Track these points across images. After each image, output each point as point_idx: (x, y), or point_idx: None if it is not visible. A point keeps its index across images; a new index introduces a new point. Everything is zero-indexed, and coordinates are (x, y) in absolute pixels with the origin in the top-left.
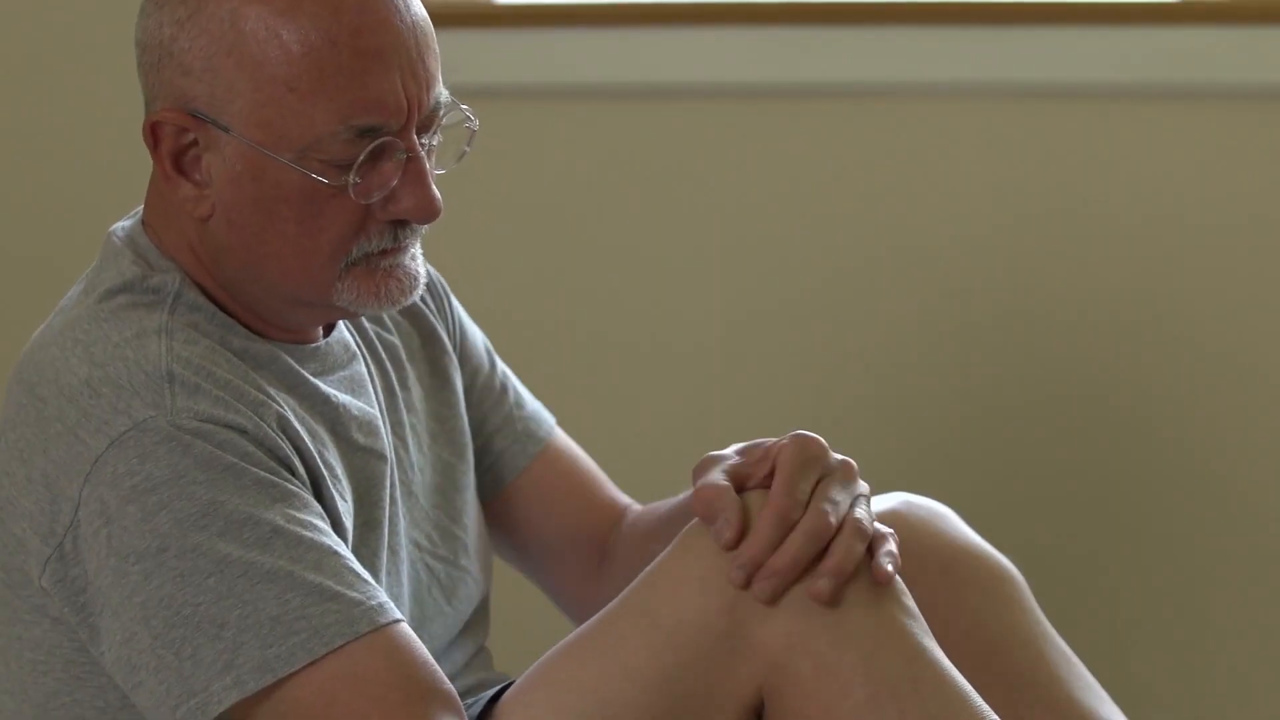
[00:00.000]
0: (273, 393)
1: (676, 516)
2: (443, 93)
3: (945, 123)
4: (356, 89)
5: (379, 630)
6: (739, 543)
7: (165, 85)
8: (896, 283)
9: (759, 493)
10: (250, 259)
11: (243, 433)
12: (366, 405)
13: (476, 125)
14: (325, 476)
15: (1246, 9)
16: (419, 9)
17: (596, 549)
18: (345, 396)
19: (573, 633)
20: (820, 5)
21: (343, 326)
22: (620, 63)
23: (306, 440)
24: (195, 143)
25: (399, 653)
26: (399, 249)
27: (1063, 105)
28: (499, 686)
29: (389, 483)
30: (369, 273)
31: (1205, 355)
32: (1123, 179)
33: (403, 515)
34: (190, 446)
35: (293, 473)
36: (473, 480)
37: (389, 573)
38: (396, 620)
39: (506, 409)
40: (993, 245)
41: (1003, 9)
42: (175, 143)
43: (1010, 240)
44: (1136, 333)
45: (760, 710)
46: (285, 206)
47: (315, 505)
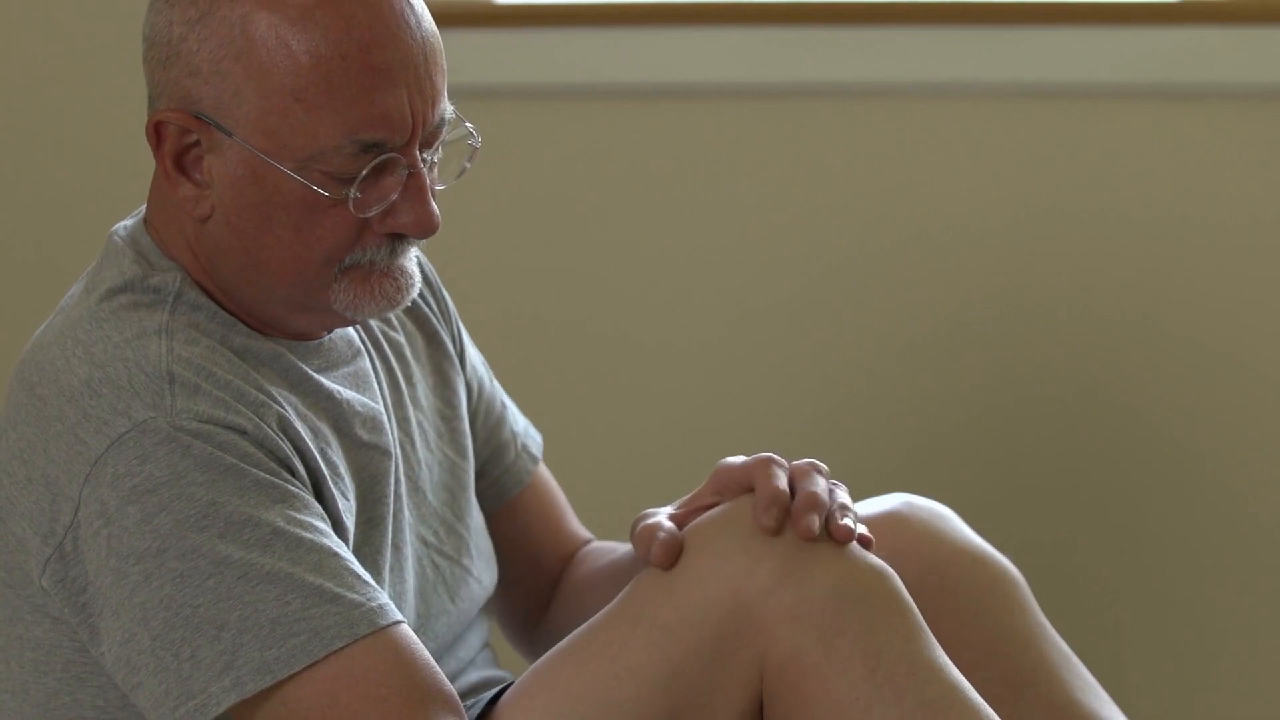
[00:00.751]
0: (274, 391)
1: (622, 566)
2: (447, 108)
3: (945, 123)
4: (363, 104)
5: (379, 632)
6: (669, 561)
7: (171, 84)
8: (896, 282)
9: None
10: (247, 261)
11: (243, 434)
12: (370, 401)
13: (479, 142)
14: (326, 476)
15: (1246, 9)
16: (429, 24)
17: (554, 578)
18: (349, 392)
19: (572, 634)
20: (820, 5)
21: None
22: (620, 63)
23: (308, 440)
24: (198, 143)
25: (399, 654)
26: (394, 258)
27: (1063, 105)
28: (499, 688)
29: (393, 479)
30: (364, 276)
31: (1205, 355)
32: (1123, 179)
33: (408, 511)
34: (190, 447)
35: (293, 473)
36: (472, 482)
37: (392, 569)
38: (397, 622)
39: (509, 424)
40: (993, 245)
41: (1003, 9)
42: (178, 142)
43: (1010, 240)
44: (1136, 333)
45: (762, 707)
46: (284, 213)
47: (316, 506)
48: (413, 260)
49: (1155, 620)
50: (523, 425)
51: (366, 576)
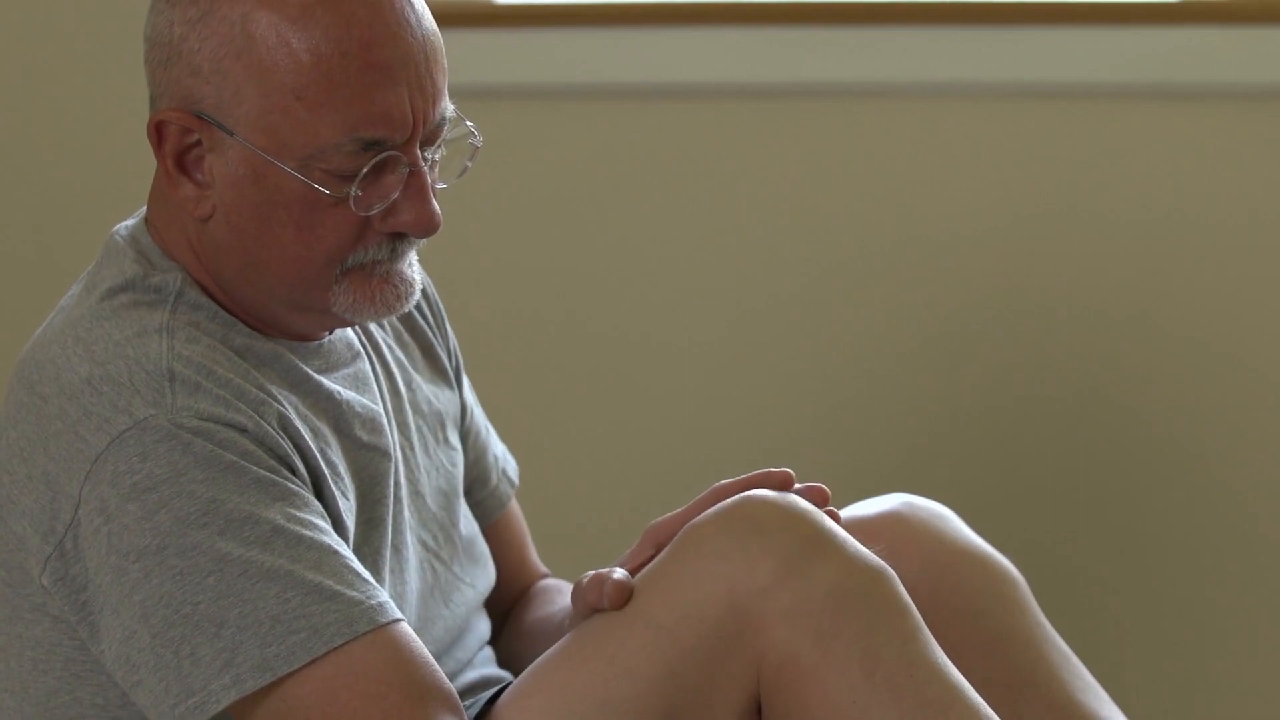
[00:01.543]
0: (275, 391)
1: (560, 623)
2: (448, 107)
3: (945, 123)
4: (364, 102)
5: (379, 629)
6: (621, 601)
7: (172, 84)
8: (896, 282)
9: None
10: (248, 261)
11: (243, 431)
12: (370, 402)
13: (480, 141)
14: (327, 475)
15: (1246, 9)
16: (430, 23)
17: (509, 605)
18: (349, 393)
19: (569, 635)
20: (820, 5)
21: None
22: (620, 63)
23: (308, 439)
24: (199, 143)
25: (399, 652)
26: (395, 258)
27: (1063, 105)
28: (497, 687)
29: (393, 480)
30: (365, 279)
31: (1205, 355)
32: (1123, 179)
33: (409, 514)
34: (190, 445)
35: (293, 471)
36: (462, 491)
37: (392, 571)
38: (396, 619)
39: (491, 452)
40: (993, 245)
41: (1003, 9)
42: (179, 142)
43: (1010, 240)
44: (1136, 332)
45: (760, 706)
46: (285, 213)
47: (316, 504)
48: (414, 266)
49: (1155, 620)
50: (502, 451)
51: (366, 574)
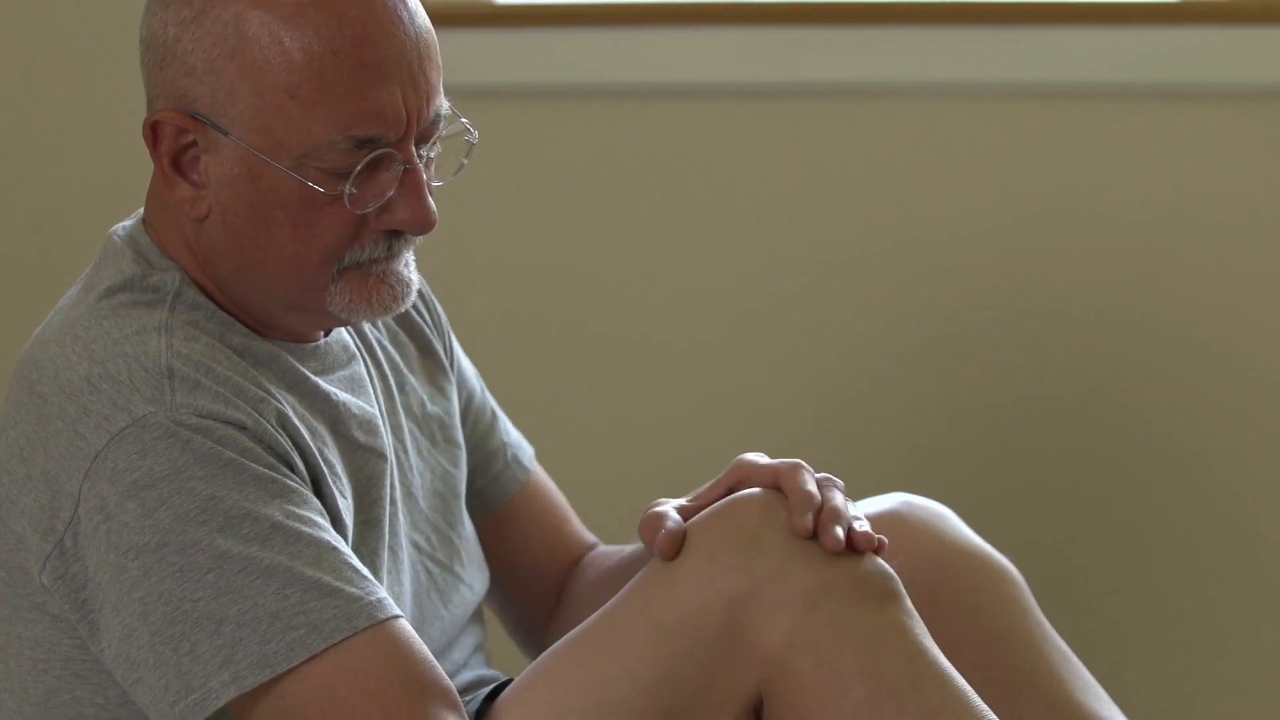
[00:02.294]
0: (273, 390)
1: (626, 566)
2: (443, 104)
3: (945, 123)
4: (357, 100)
5: (378, 625)
6: (671, 552)
7: (167, 84)
8: (896, 282)
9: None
10: (244, 261)
11: (242, 429)
12: (366, 405)
13: (475, 138)
14: (325, 473)
15: (1246, 9)
16: (423, 20)
17: (558, 584)
18: (345, 395)
19: (571, 631)
20: (820, 5)
21: (342, 328)
22: (620, 63)
23: (306, 437)
24: (194, 143)
25: (398, 648)
26: (391, 257)
27: (1063, 105)
28: (496, 684)
29: (389, 482)
30: (362, 279)
31: (1205, 355)
32: (1123, 179)
33: (403, 516)
34: (190, 442)
35: (292, 469)
36: (464, 491)
37: (389, 572)
38: (395, 616)
39: (498, 434)
40: (993, 245)
41: (1003, 9)
42: (174, 143)
43: (1010, 240)
44: (1135, 332)
45: (760, 708)
46: (280, 212)
47: (315, 501)
48: (410, 266)
49: (1155, 620)
50: (515, 437)
51: (365, 571)
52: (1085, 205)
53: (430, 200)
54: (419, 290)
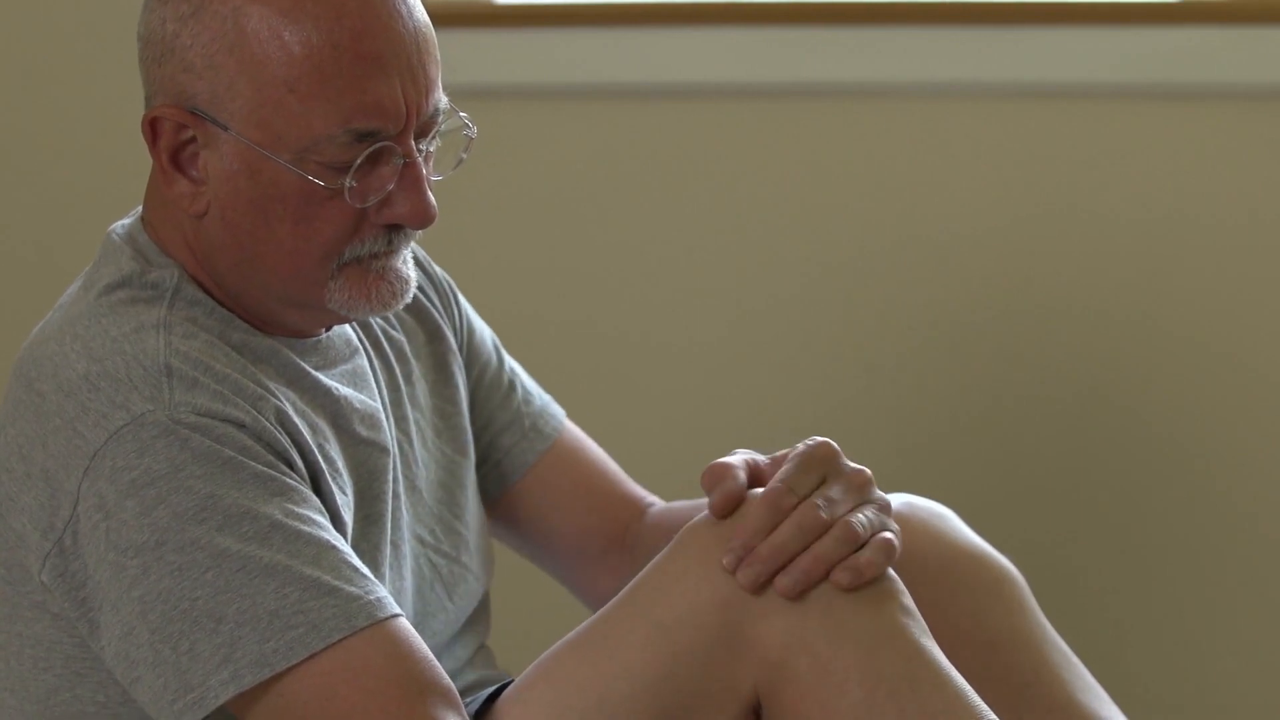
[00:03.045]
0: (272, 386)
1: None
2: (442, 99)
3: (945, 123)
4: (356, 93)
5: (378, 625)
6: (723, 511)
7: (166, 81)
8: (896, 282)
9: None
10: (243, 257)
11: (241, 427)
12: (369, 398)
13: (475, 133)
14: (325, 471)
15: (1246, 9)
16: (421, 14)
17: (615, 544)
18: (347, 389)
19: (572, 631)
20: (820, 5)
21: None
22: (620, 63)
23: (306, 434)
24: (193, 139)
25: (398, 647)
26: (391, 252)
27: (1063, 105)
28: (497, 685)
29: (391, 476)
30: (361, 275)
31: (1205, 355)
32: (1123, 179)
33: (406, 509)
34: (188, 441)
35: (291, 467)
36: (474, 478)
37: (391, 566)
38: (395, 615)
39: (515, 405)
40: (993, 245)
41: (1003, 9)
42: (173, 139)
43: (1010, 240)
44: (1135, 332)
45: (758, 709)
46: (280, 206)
47: (314, 500)
48: (409, 263)
49: (1155, 620)
50: (538, 405)
51: (365, 570)
52: (1085, 205)
53: (430, 194)
54: (426, 271)
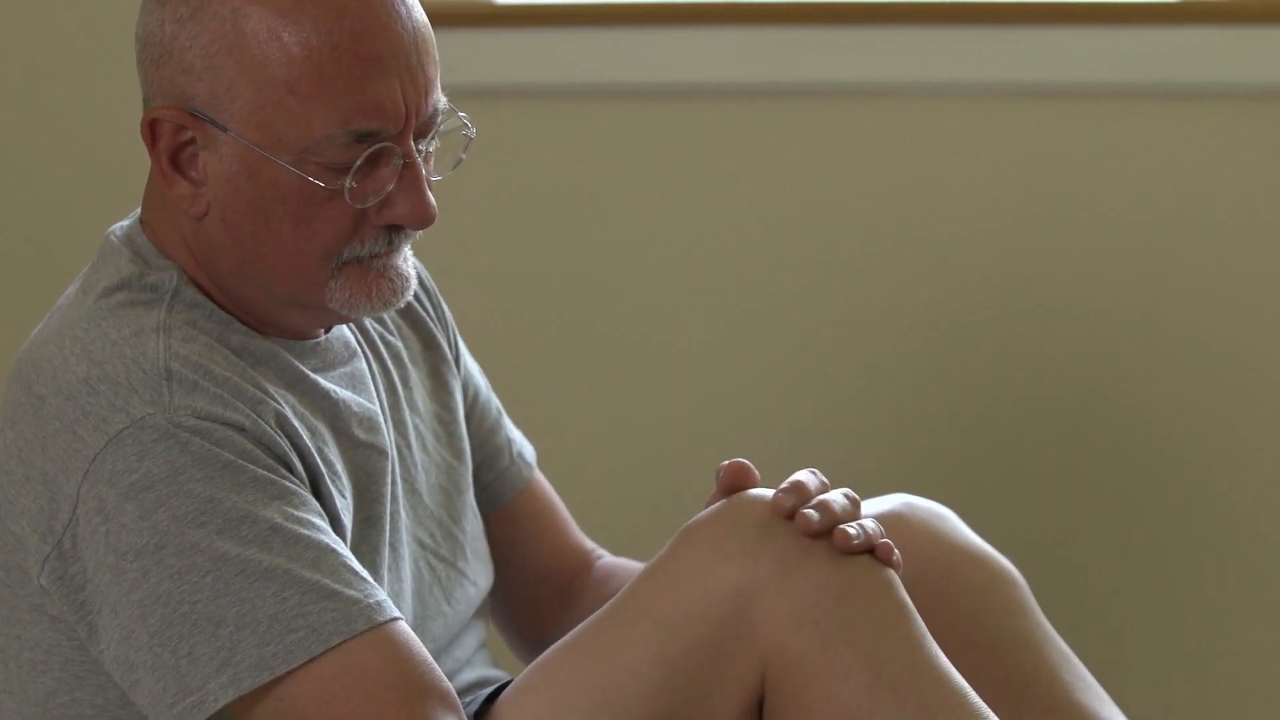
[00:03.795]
0: (272, 390)
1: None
2: (441, 99)
3: (945, 123)
4: (356, 94)
5: (377, 628)
6: (731, 484)
7: (165, 82)
8: (896, 282)
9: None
10: (243, 258)
11: (241, 430)
12: (367, 401)
13: (474, 133)
14: (324, 474)
15: (1246, 9)
16: (420, 15)
17: (560, 591)
18: (345, 392)
19: (571, 631)
20: (820, 5)
21: (343, 325)
22: (620, 63)
23: (305, 437)
24: (193, 141)
25: (397, 650)
26: (391, 251)
27: (1063, 105)
28: (497, 685)
29: (390, 479)
30: (361, 274)
31: (1205, 355)
32: (1123, 179)
33: (405, 512)
34: (188, 444)
35: (291, 470)
36: (471, 485)
37: (390, 569)
38: (395, 618)
39: (503, 433)
40: (993, 245)
41: (1003, 9)
42: (173, 140)
43: (1010, 240)
44: (1135, 333)
45: (762, 702)
46: (280, 207)
47: (314, 503)
48: (409, 261)
49: (1154, 620)
50: (518, 436)
51: (364, 573)
52: (1085, 205)
53: (430, 194)
54: (422, 282)
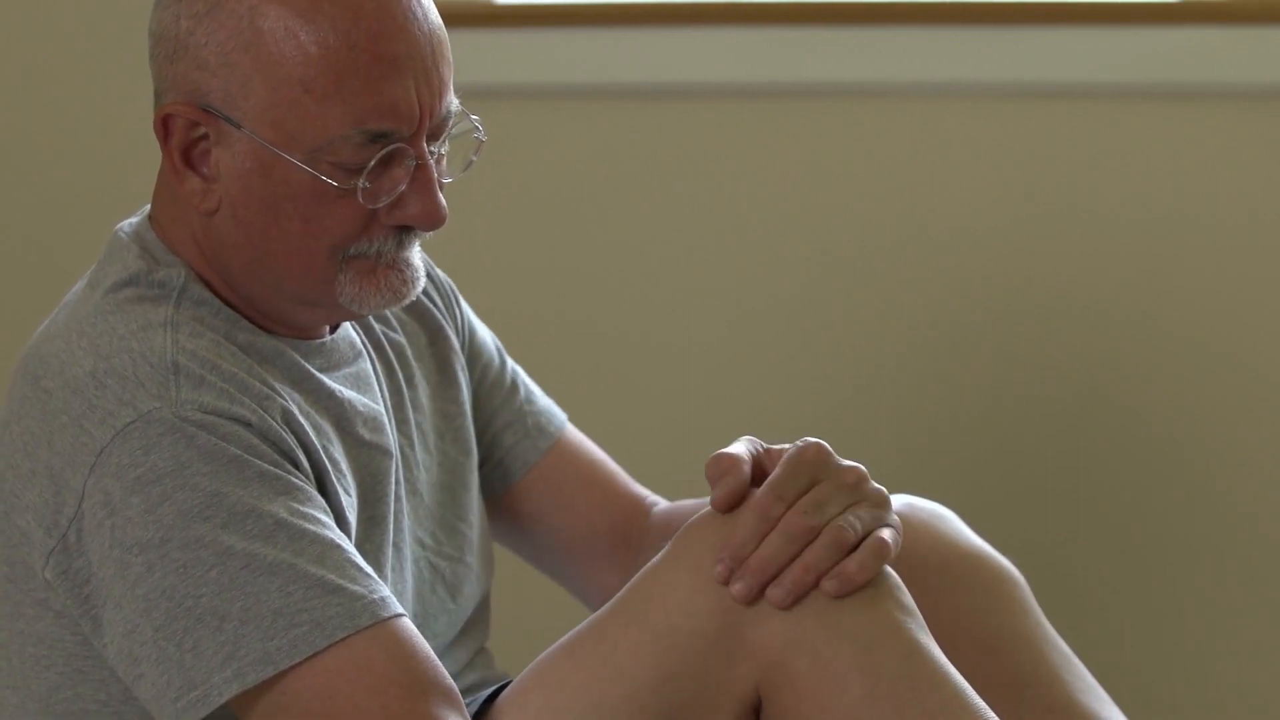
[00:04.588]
0: (278, 387)
1: None
2: (453, 101)
3: (945, 123)
4: (371, 94)
5: (381, 624)
6: (726, 507)
7: (179, 78)
8: (896, 282)
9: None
10: (254, 255)
11: (247, 425)
12: (371, 402)
13: (484, 136)
14: (329, 471)
15: (1246, 9)
16: (435, 17)
17: (618, 542)
18: (350, 392)
19: (568, 634)
20: (820, 5)
21: (348, 325)
22: (620, 63)
23: (311, 434)
24: (206, 137)
25: (400, 646)
26: (400, 250)
27: (1063, 105)
28: (496, 686)
29: (394, 479)
30: (370, 268)
31: (1205, 355)
32: (1123, 179)
33: (407, 513)
34: (194, 438)
35: (297, 466)
36: (477, 479)
37: (393, 569)
38: (398, 614)
39: (516, 404)
40: (993, 245)
41: (1003, 9)
42: (185, 136)
43: (1010, 240)
44: (1135, 332)
45: (758, 710)
46: (292, 205)
47: (319, 499)
48: (418, 254)
49: (1155, 620)
50: (541, 404)
51: (368, 569)
52: (1085, 205)
53: (441, 196)
54: (429, 272)
